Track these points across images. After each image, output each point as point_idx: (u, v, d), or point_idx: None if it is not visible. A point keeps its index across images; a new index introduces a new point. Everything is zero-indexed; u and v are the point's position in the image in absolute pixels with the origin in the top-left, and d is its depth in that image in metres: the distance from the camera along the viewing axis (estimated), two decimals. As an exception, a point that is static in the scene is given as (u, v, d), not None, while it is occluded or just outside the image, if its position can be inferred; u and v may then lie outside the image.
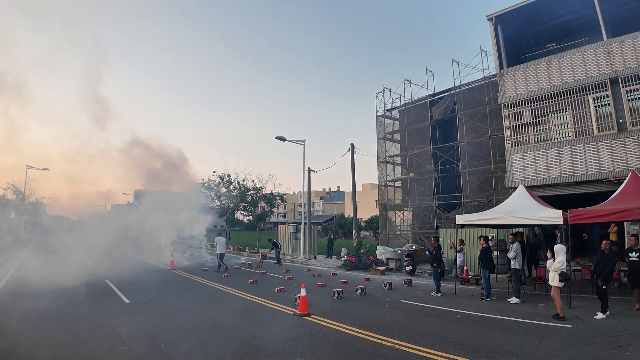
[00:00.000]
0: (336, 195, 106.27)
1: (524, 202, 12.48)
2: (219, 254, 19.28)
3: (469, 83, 24.73)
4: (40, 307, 10.46)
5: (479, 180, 23.41)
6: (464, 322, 9.07)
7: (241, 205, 33.86)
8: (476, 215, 13.62)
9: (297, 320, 9.25)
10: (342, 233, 55.13)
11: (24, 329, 8.42)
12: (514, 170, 18.00)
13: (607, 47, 15.85)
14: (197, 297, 12.43)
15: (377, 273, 18.30)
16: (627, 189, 11.36)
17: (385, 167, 29.49)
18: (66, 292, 12.42)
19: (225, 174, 33.89)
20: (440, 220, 25.07)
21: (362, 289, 13.09)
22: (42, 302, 10.92)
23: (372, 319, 9.44)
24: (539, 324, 8.75)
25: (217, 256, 19.56)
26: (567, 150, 16.43)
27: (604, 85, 15.77)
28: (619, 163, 15.10)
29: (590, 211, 10.68)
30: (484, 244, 12.55)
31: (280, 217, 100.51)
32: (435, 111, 26.79)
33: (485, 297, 11.96)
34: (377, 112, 30.20)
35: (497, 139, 21.42)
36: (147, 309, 10.66)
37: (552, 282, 9.32)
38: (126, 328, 8.43)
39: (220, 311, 10.41)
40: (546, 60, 17.60)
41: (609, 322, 8.69)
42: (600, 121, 15.86)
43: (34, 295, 11.96)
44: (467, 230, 17.41)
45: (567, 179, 16.28)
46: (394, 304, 11.41)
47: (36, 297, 11.59)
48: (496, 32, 19.38)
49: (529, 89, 17.93)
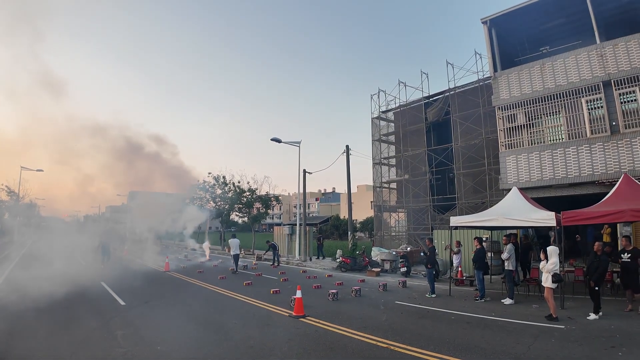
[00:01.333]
0: (331, 197, 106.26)
1: (518, 204, 12.58)
2: (234, 255, 20.07)
3: (464, 85, 24.90)
4: (35, 309, 10.41)
5: (473, 182, 23.55)
6: (458, 323, 9.14)
7: (236, 207, 33.84)
8: (470, 217, 13.71)
9: (292, 322, 9.29)
10: (337, 234, 55.06)
11: (18, 331, 8.41)
12: (508, 172, 18.13)
13: (600, 50, 16.01)
14: (192, 299, 12.43)
15: (372, 274, 18.36)
16: (620, 191, 11.47)
17: (380, 168, 29.61)
18: (61, 295, 12.34)
19: (220, 175, 33.91)
20: (435, 221, 25.19)
21: (357, 290, 13.14)
22: (37, 304, 10.84)
23: (368, 320, 9.49)
24: (532, 324, 8.83)
25: (232, 257, 20.32)
26: (561, 152, 16.57)
27: (597, 88, 15.92)
28: (611, 165, 15.25)
29: (583, 213, 10.79)
30: (478, 245, 12.63)
31: (275, 218, 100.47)
32: (429, 113, 26.93)
33: (479, 298, 12.04)
34: (373, 114, 30.34)
35: (491, 141, 21.57)
36: (143, 311, 10.66)
37: (545, 283, 9.41)
38: (122, 330, 8.44)
39: (216, 313, 10.42)
40: (540, 63, 17.75)
41: (602, 323, 8.79)
42: (593, 124, 16.01)
43: (28, 297, 11.86)
44: (461, 232, 17.50)
45: (561, 181, 16.41)
46: (389, 305, 11.47)
47: (30, 300, 11.48)
48: (490, 35, 19.52)
49: (522, 92, 18.06)
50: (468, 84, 24.72)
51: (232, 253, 20.36)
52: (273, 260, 23.98)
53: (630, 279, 9.88)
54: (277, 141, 25.93)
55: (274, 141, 25.90)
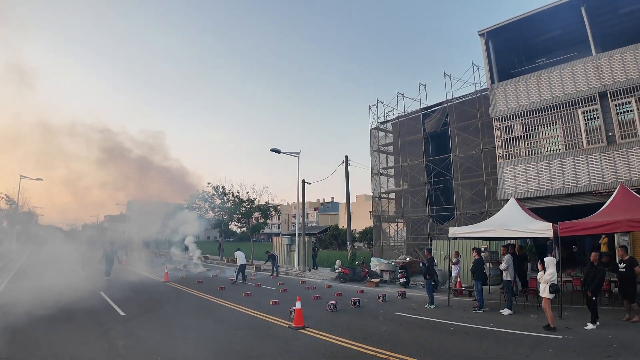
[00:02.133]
0: (330, 207, 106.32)
1: (515, 215, 12.67)
2: (240, 265, 20.44)
3: (461, 97, 25.07)
4: (35, 318, 10.45)
5: (471, 192, 23.64)
6: (457, 334, 9.18)
7: (235, 217, 33.86)
8: (468, 228, 13.78)
9: (292, 333, 9.32)
10: (336, 244, 55.08)
11: (19, 340, 8.44)
12: (505, 182, 18.24)
13: (596, 62, 16.21)
14: (192, 310, 12.45)
15: (372, 285, 18.37)
16: (616, 201, 11.58)
17: (379, 178, 29.71)
18: (61, 304, 12.36)
19: (219, 185, 33.97)
20: (434, 231, 25.22)
21: (356, 301, 13.17)
22: (37, 314, 10.88)
23: (367, 331, 9.53)
24: (530, 334, 8.88)
25: (237, 268, 20.66)
26: (558, 163, 16.70)
27: (593, 99, 16.09)
28: (608, 175, 15.37)
29: (580, 223, 10.88)
30: (476, 256, 12.70)
31: (274, 228, 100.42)
32: (428, 124, 27.10)
33: (477, 308, 12.08)
34: (371, 125, 30.50)
35: (489, 152, 21.69)
36: (143, 321, 10.68)
37: (543, 293, 9.48)
38: (123, 340, 8.47)
39: (216, 324, 10.45)
40: (536, 75, 17.94)
41: (599, 333, 8.84)
42: (589, 134, 16.15)
43: (28, 306, 11.89)
44: (460, 242, 17.52)
45: (558, 191, 16.51)
46: (388, 316, 11.51)
47: (30, 309, 11.52)
48: (487, 47, 19.75)
49: (519, 103, 18.24)
50: (466, 95, 24.90)
51: (238, 263, 20.69)
52: (272, 270, 23.90)
53: (627, 289, 9.93)
54: (277, 152, 26.03)
55: (273, 151, 25.98)
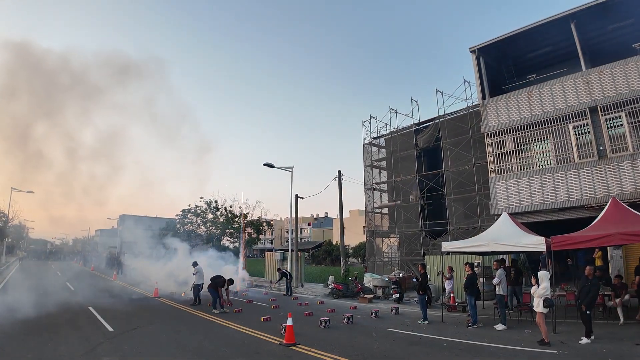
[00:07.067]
0: (324, 222, 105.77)
1: (508, 230, 12.64)
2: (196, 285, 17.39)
3: (453, 112, 25.28)
4: (22, 333, 10.25)
5: (464, 207, 23.66)
6: (450, 350, 9.05)
7: (227, 232, 33.63)
8: (461, 243, 13.73)
9: (283, 350, 9.14)
10: (329, 260, 54.71)
11: (5, 356, 8.21)
12: (498, 197, 18.28)
13: (586, 77, 16.43)
14: (181, 326, 12.19)
15: (365, 301, 18.17)
16: (608, 215, 11.59)
17: (372, 194, 29.71)
18: (49, 319, 12.15)
19: (212, 199, 33.80)
20: (427, 247, 25.14)
21: (349, 317, 12.98)
22: (24, 328, 10.69)
23: (359, 348, 9.37)
24: (524, 350, 8.78)
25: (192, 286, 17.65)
26: (549, 177, 16.78)
27: (583, 114, 16.26)
28: (599, 189, 15.45)
29: (572, 237, 10.87)
30: (469, 271, 12.61)
31: (267, 243, 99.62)
32: (420, 139, 27.25)
33: (471, 324, 11.96)
34: (364, 140, 30.64)
35: (481, 167, 21.79)
36: (132, 337, 10.44)
37: (537, 308, 9.39)
38: (110, 356, 8.27)
39: (206, 340, 10.23)
40: (527, 91, 18.15)
41: (594, 347, 8.77)
42: (580, 149, 16.28)
43: (15, 321, 11.67)
44: (453, 257, 17.47)
45: (550, 206, 16.56)
46: (381, 332, 11.34)
47: (17, 324, 11.34)
48: (479, 64, 19.99)
49: (510, 119, 18.39)
50: (457, 111, 25.11)
51: (194, 282, 17.21)
52: (286, 289, 22.07)
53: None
54: (270, 166, 25.90)
55: (266, 166, 25.86)
